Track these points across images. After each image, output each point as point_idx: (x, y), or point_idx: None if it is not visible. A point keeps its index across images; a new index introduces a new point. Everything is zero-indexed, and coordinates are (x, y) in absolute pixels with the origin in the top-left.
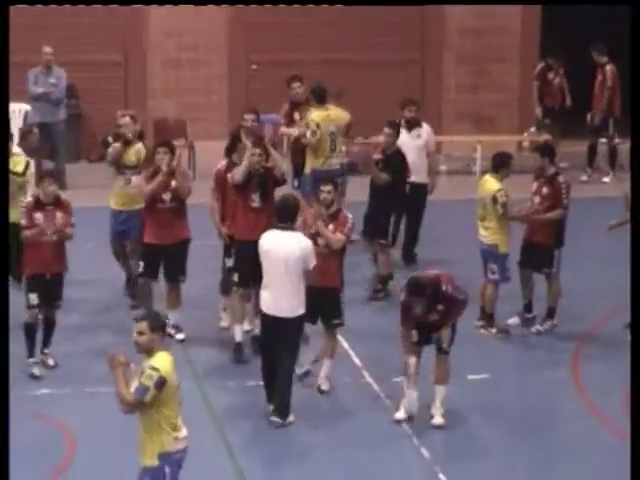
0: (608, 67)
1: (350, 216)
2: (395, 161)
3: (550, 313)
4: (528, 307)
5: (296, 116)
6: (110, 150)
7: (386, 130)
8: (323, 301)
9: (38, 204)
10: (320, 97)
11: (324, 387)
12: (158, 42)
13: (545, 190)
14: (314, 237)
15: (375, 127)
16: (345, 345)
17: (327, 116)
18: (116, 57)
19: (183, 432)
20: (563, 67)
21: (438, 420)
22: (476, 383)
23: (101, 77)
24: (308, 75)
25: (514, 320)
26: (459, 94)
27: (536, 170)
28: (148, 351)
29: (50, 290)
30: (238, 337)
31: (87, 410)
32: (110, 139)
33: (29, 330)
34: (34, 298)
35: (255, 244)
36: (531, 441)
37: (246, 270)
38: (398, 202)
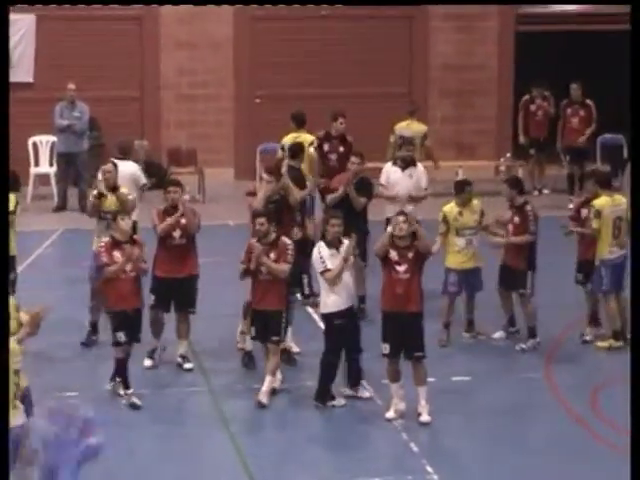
0: (589, 102)
1: (289, 242)
2: (366, 185)
3: (531, 332)
4: (511, 321)
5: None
6: (88, 204)
7: (353, 159)
8: (268, 322)
9: (115, 243)
10: (299, 122)
11: (264, 400)
12: (172, 79)
13: (517, 219)
14: (258, 266)
15: (368, 153)
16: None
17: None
18: (133, 93)
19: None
20: (546, 98)
21: (425, 418)
22: (460, 384)
23: (120, 111)
24: (306, 107)
25: (499, 334)
26: (443, 124)
27: (507, 200)
28: None
29: (132, 325)
30: (249, 346)
31: None
32: (101, 191)
33: (122, 365)
34: (121, 336)
35: None
36: (511, 434)
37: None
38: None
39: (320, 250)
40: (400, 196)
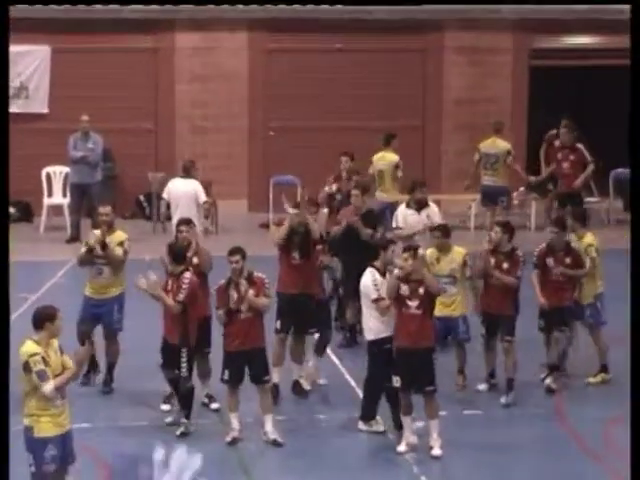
0: (580, 146)
1: (264, 276)
2: (371, 217)
3: (510, 385)
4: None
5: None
6: (78, 256)
7: (354, 192)
8: (252, 361)
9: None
10: (386, 141)
11: (279, 438)
12: (186, 112)
13: (506, 265)
14: (238, 305)
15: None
16: (352, 383)
17: None
18: (148, 125)
19: None
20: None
21: (437, 451)
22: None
23: (134, 142)
24: (320, 140)
25: (483, 386)
26: (456, 157)
27: (494, 244)
28: None
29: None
30: (275, 378)
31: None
32: (91, 246)
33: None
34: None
35: (295, 297)
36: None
37: (286, 320)
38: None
39: (374, 276)
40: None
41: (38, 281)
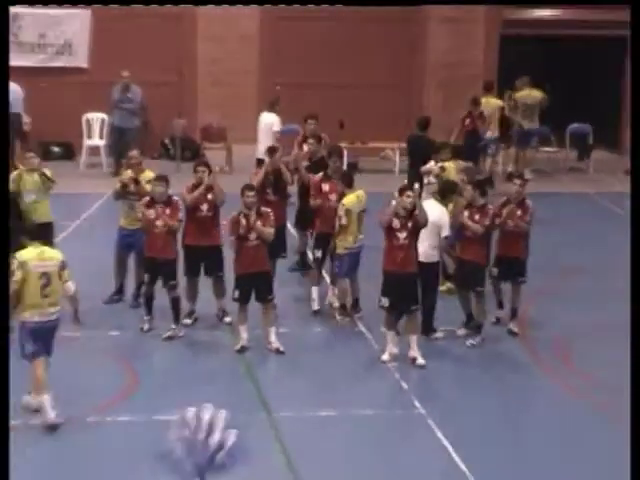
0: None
1: (270, 210)
2: (321, 164)
3: (515, 313)
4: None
5: (305, 147)
6: (113, 191)
7: (310, 141)
8: (258, 282)
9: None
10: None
11: (280, 347)
12: (206, 68)
13: (477, 217)
14: (247, 233)
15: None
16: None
17: None
18: (173, 78)
19: None
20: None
21: (420, 361)
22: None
23: (161, 93)
24: (317, 94)
25: (461, 331)
26: (435, 110)
27: (468, 199)
28: None
29: (155, 270)
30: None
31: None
32: (124, 182)
33: (145, 299)
34: (146, 277)
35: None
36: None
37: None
38: None
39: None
40: None
41: (78, 211)
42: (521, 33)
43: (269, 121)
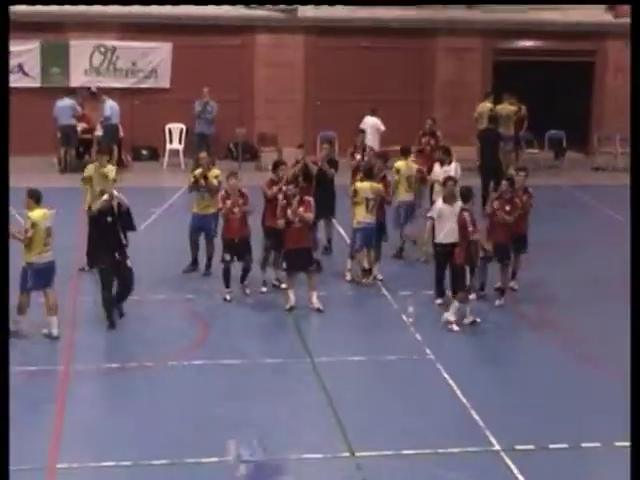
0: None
1: (310, 198)
2: (333, 162)
3: (503, 291)
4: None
5: (357, 156)
6: (188, 186)
7: (324, 145)
8: (301, 256)
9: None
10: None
11: (320, 307)
12: (261, 88)
13: (507, 208)
14: (293, 217)
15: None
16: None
17: None
18: (235, 97)
19: None
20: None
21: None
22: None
23: (226, 108)
24: (349, 109)
25: (472, 296)
26: (442, 121)
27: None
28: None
29: (234, 249)
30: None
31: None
32: (196, 177)
33: (225, 273)
34: (227, 256)
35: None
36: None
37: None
38: None
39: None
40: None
41: (161, 200)
42: (510, 59)
43: (373, 122)
